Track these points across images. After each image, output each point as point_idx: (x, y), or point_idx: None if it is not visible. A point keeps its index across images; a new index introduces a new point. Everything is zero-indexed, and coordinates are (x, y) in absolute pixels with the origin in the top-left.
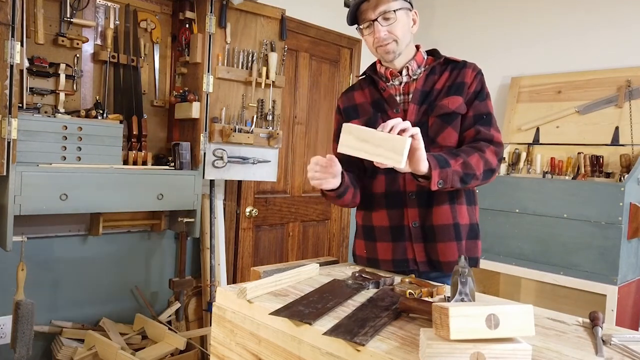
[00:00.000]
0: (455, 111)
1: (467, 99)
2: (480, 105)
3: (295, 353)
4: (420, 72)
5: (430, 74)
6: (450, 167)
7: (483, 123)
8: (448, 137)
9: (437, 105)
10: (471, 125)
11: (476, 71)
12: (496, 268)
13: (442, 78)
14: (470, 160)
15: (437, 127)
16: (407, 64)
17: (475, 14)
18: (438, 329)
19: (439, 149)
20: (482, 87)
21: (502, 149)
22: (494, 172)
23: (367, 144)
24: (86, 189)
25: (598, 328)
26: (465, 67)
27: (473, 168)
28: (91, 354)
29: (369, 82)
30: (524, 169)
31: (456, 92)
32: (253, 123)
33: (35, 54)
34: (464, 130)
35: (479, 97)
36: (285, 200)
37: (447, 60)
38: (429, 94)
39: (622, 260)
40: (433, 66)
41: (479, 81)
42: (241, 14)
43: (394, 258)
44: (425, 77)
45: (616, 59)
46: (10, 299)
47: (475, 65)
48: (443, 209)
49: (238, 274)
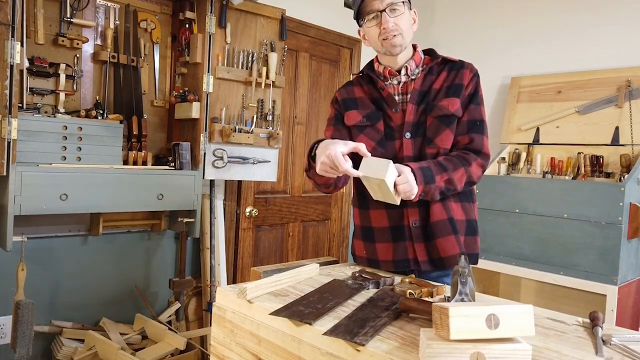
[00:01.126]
0: (454, 114)
1: (462, 101)
2: (474, 111)
3: (295, 353)
4: (419, 72)
5: (428, 74)
6: (434, 183)
7: (476, 131)
8: (446, 139)
9: (436, 106)
10: (464, 132)
11: (473, 72)
12: (496, 268)
13: (440, 78)
14: (454, 176)
15: (435, 128)
16: (406, 64)
17: (475, 14)
18: (438, 329)
19: (435, 150)
20: (476, 90)
21: (489, 160)
22: (474, 184)
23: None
24: (86, 189)
25: (598, 328)
26: (462, 67)
27: (455, 184)
28: (91, 354)
29: (367, 81)
30: (524, 169)
31: (454, 94)
32: (253, 123)
33: (35, 54)
34: (457, 134)
35: (473, 100)
36: (285, 200)
37: (445, 60)
38: (427, 93)
39: (622, 260)
40: (431, 66)
41: (475, 84)
42: (241, 14)
43: (394, 258)
44: (424, 77)
45: (616, 59)
46: (10, 299)
47: (473, 67)
48: (438, 206)
49: (238, 274)
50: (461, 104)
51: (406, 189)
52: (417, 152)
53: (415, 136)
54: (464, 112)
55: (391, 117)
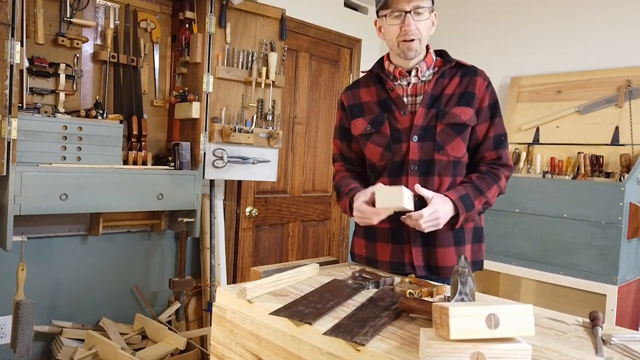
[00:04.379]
0: (467, 123)
1: (482, 114)
2: (499, 125)
3: (295, 353)
4: (430, 75)
5: (441, 77)
6: (474, 208)
7: (503, 146)
8: (457, 148)
9: (449, 113)
10: (491, 148)
11: (487, 81)
12: (496, 268)
13: (452, 83)
14: (489, 195)
15: (446, 135)
16: (417, 65)
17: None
18: (438, 328)
19: (446, 157)
20: (495, 101)
21: (512, 171)
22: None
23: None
24: (86, 189)
25: (598, 328)
26: (476, 75)
27: (490, 202)
28: (91, 354)
29: (375, 80)
30: (524, 168)
31: (467, 103)
32: (253, 123)
33: (35, 54)
34: (484, 150)
35: (496, 113)
36: (285, 200)
37: (457, 64)
38: (439, 98)
39: (622, 260)
40: (443, 70)
41: (491, 93)
42: (241, 13)
43: (391, 260)
44: (436, 80)
45: (616, 59)
46: (10, 299)
47: (485, 75)
48: None
49: (238, 274)
50: (475, 112)
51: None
52: (424, 156)
53: (423, 140)
54: (489, 127)
55: (398, 119)
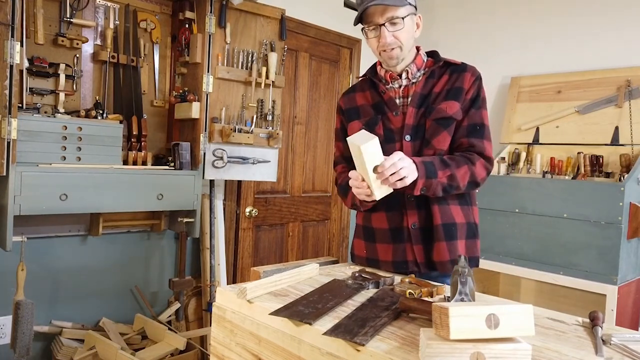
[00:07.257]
0: (452, 116)
1: (463, 105)
2: (475, 115)
3: (295, 353)
4: (420, 76)
5: (430, 77)
6: (436, 178)
7: (476, 135)
8: (443, 141)
9: (435, 109)
10: (464, 135)
11: (475, 76)
12: (496, 268)
13: (441, 81)
14: (457, 173)
15: (433, 130)
16: (407, 68)
17: (475, 14)
18: (438, 328)
19: (432, 151)
20: (478, 94)
21: (492, 163)
22: (478, 185)
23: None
24: (86, 189)
25: (598, 328)
26: (464, 70)
27: (458, 181)
28: (91, 354)
29: (369, 84)
30: (524, 168)
31: (454, 97)
32: (253, 123)
33: (35, 54)
34: (457, 138)
35: (474, 104)
36: (285, 200)
37: (447, 63)
38: (427, 97)
39: (622, 260)
40: (433, 69)
41: (477, 87)
42: (241, 14)
43: (394, 260)
44: (425, 80)
45: (616, 59)
46: (10, 299)
47: (475, 70)
48: (439, 209)
49: (238, 274)
50: (462, 107)
51: (391, 171)
52: (417, 154)
53: (415, 139)
54: (464, 116)
55: (391, 120)
